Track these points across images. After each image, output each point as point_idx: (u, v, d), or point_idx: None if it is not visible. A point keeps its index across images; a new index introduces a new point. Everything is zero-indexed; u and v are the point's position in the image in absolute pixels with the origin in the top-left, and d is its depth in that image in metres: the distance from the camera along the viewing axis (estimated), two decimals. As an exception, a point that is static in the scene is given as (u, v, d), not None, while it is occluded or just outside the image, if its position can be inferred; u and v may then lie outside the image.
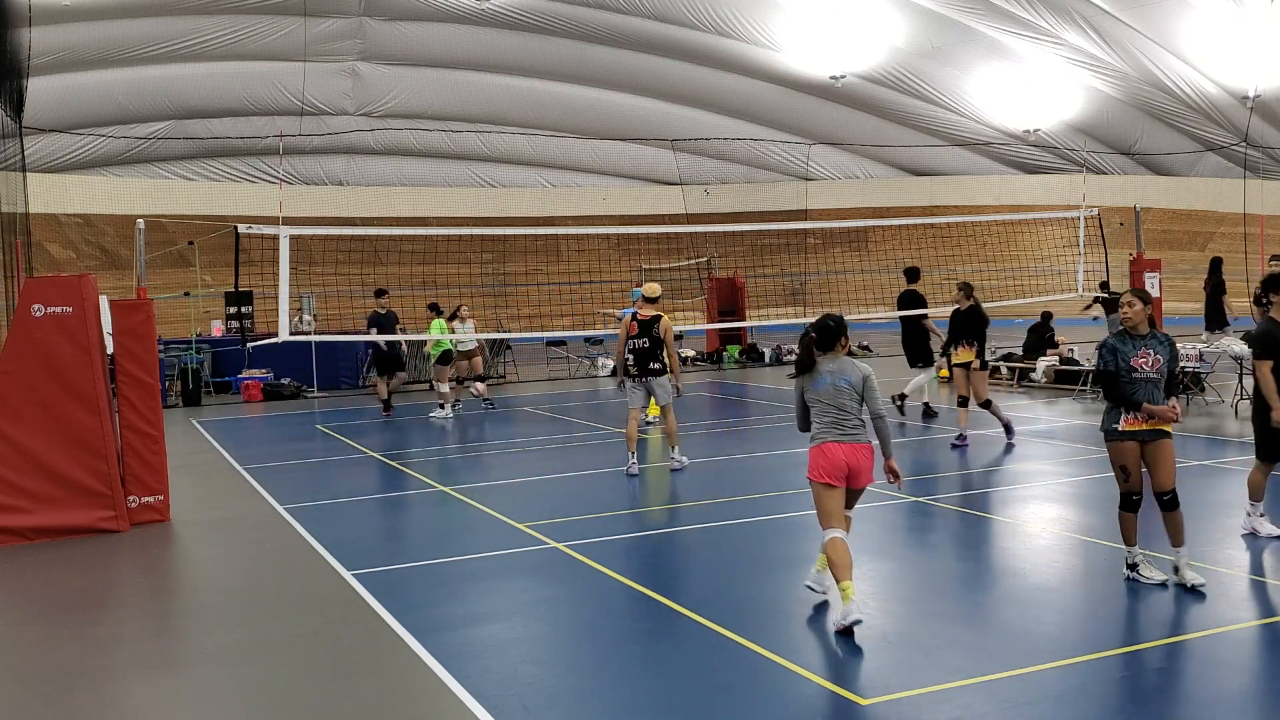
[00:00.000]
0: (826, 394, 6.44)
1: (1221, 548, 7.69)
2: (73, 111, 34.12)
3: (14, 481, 9.20)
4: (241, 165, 39.46)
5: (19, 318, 9.41)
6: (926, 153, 42.23)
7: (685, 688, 5.38)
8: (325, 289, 28.81)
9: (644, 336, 11.34)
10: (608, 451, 13.15)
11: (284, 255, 11.78)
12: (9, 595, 7.85)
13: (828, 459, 6.36)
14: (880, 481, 10.63)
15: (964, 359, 12.69)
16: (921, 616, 6.41)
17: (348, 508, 10.29)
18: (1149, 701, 5.11)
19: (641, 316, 11.41)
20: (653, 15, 35.13)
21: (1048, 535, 8.29)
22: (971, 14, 33.66)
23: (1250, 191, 35.75)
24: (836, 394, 6.41)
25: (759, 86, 39.13)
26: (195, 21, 33.17)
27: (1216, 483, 10.05)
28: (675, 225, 36.46)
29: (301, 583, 7.73)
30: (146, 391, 9.92)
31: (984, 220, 27.80)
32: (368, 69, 36.94)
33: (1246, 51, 32.92)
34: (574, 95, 39.30)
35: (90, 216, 36.78)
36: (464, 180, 42.43)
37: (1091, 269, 19.69)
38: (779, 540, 8.52)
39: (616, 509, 9.72)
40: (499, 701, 5.25)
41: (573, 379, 23.69)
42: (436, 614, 6.74)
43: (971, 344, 12.60)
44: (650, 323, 11.37)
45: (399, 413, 18.29)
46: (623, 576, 7.36)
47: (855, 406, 6.42)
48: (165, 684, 5.87)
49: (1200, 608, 6.33)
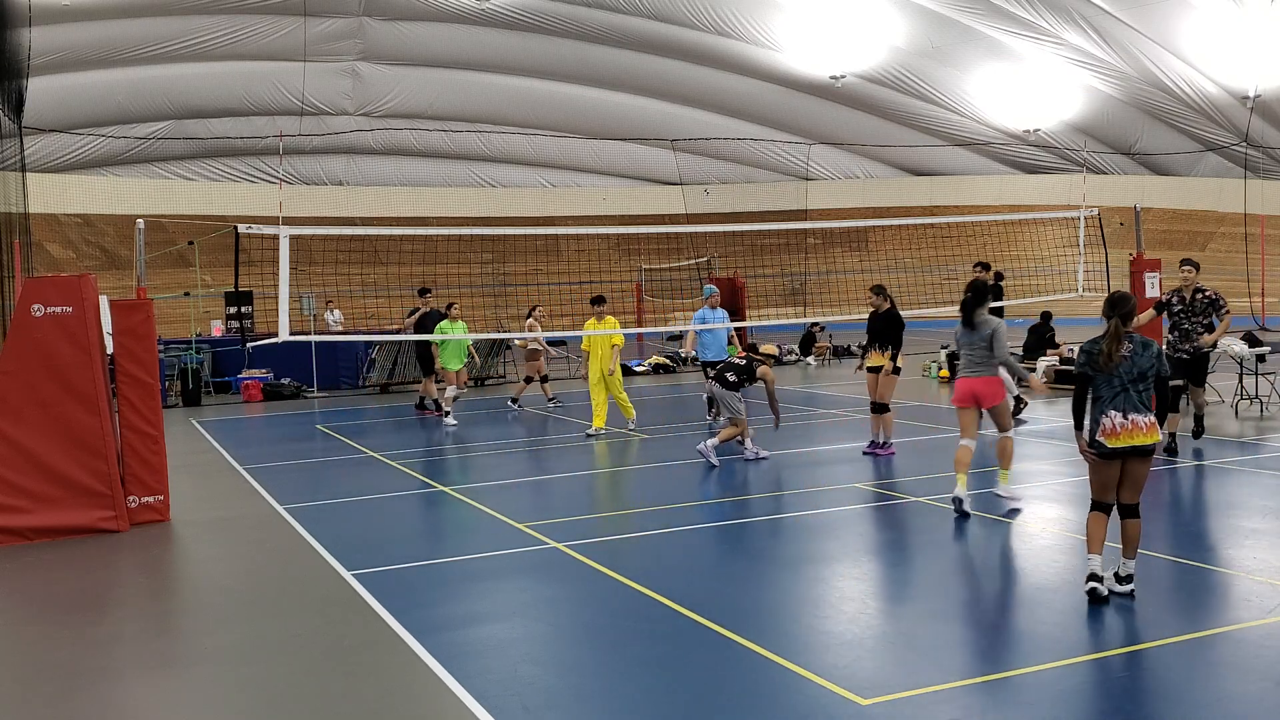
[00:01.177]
0: (965, 343, 9.25)
1: (1221, 548, 7.70)
2: (73, 111, 34.12)
3: (14, 481, 9.20)
4: (241, 165, 39.47)
5: (19, 318, 9.40)
6: (926, 153, 42.22)
7: (685, 688, 5.38)
8: (325, 289, 28.84)
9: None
10: (607, 451, 13.15)
11: (284, 255, 11.76)
12: (9, 595, 7.85)
13: (958, 389, 9.29)
14: (882, 480, 10.67)
15: (877, 363, 12.37)
16: (921, 616, 6.40)
17: (348, 508, 10.28)
18: (1149, 701, 5.11)
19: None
20: (653, 15, 35.14)
21: (1048, 535, 8.28)
22: (971, 14, 33.67)
23: (1250, 191, 35.74)
24: (970, 344, 9.18)
25: (759, 86, 39.14)
26: (195, 21, 33.18)
27: (1217, 483, 10.04)
28: (675, 225, 36.48)
29: (301, 583, 7.73)
30: (146, 391, 9.91)
31: (984, 220, 27.76)
32: (368, 69, 36.95)
33: (1246, 51, 32.92)
34: (574, 95, 39.32)
35: (90, 216, 36.78)
36: (464, 180, 42.44)
37: (1091, 269, 19.68)
38: (779, 540, 8.52)
39: (617, 509, 9.71)
40: (499, 701, 5.25)
41: (573, 379, 23.68)
42: (436, 614, 6.74)
43: (886, 348, 12.34)
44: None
45: (400, 412, 18.29)
46: (623, 576, 7.36)
47: (985, 353, 9.09)
48: (165, 684, 5.87)
49: (1200, 608, 6.33)
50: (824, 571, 7.51)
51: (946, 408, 16.64)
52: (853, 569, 7.57)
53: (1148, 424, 6.39)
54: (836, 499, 9.80)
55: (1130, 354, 6.43)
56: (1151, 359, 6.43)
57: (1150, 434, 6.38)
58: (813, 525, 8.90)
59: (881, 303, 12.46)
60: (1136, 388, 6.41)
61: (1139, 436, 6.38)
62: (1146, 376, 6.43)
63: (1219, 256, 38.31)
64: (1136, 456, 6.43)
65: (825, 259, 40.06)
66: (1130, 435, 6.38)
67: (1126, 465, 6.47)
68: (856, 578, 7.33)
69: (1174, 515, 8.85)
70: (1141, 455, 6.44)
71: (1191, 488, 9.91)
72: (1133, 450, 6.41)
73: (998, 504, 9.18)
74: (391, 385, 22.04)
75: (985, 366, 9.15)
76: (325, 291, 28.93)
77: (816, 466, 11.91)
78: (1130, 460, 6.44)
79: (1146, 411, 6.42)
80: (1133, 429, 6.38)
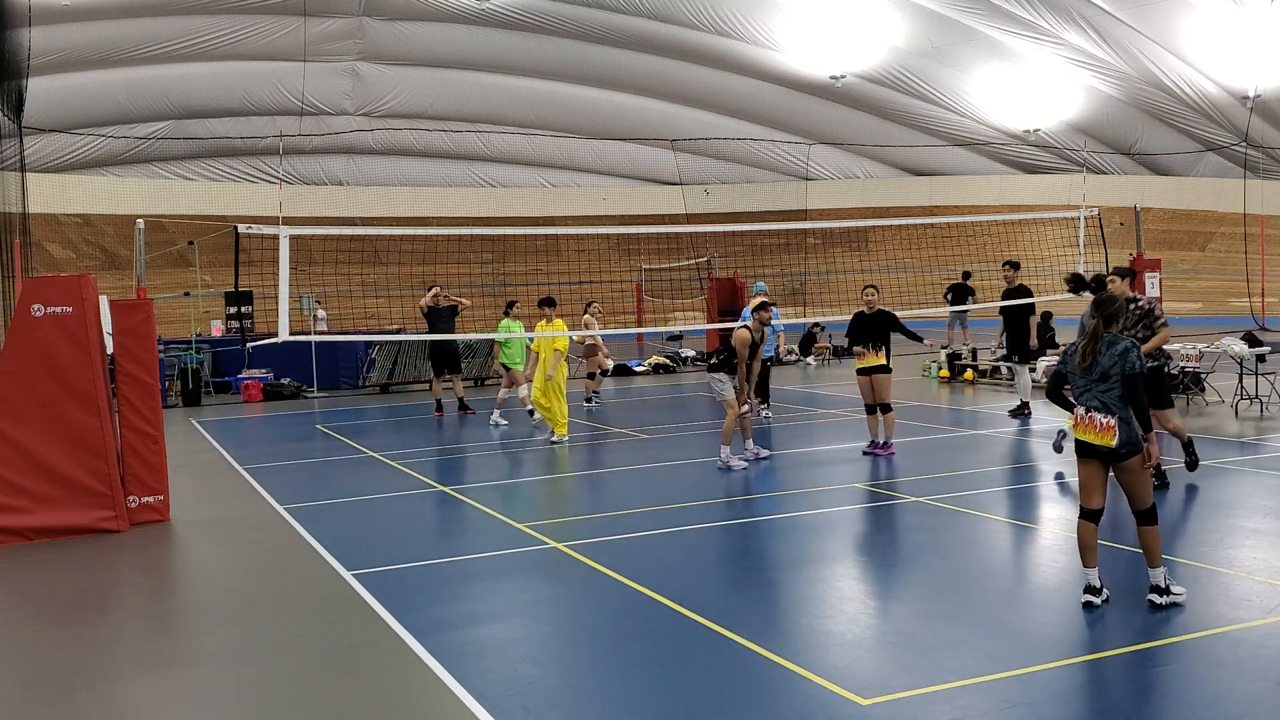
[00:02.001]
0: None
1: (1222, 548, 7.69)
2: (73, 111, 34.11)
3: (14, 481, 9.20)
4: (241, 165, 39.46)
5: (19, 318, 9.40)
6: (926, 153, 42.21)
7: (685, 688, 5.38)
8: (325, 289, 28.84)
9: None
10: (607, 451, 13.15)
11: (284, 255, 11.76)
12: (9, 595, 7.85)
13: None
14: (882, 480, 10.67)
15: (872, 363, 12.24)
16: (921, 616, 6.40)
17: (348, 508, 10.28)
18: (1149, 701, 5.12)
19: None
20: (653, 15, 35.13)
21: (1048, 535, 8.28)
22: (971, 14, 33.65)
23: (1250, 191, 35.73)
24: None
25: (759, 86, 39.12)
26: (195, 21, 33.17)
27: (1217, 483, 10.03)
28: (675, 225, 36.49)
29: (301, 583, 7.73)
30: (146, 391, 9.91)
31: (984, 220, 27.77)
32: (368, 69, 36.94)
33: (1246, 51, 32.90)
34: (574, 95, 39.30)
35: (90, 216, 36.78)
36: (464, 180, 42.43)
37: (1091, 269, 19.66)
38: (779, 540, 8.52)
39: (617, 509, 9.71)
40: (499, 701, 5.25)
41: (572, 379, 23.68)
42: (436, 614, 6.74)
43: (880, 348, 12.19)
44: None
45: (401, 412, 18.29)
46: (622, 576, 7.36)
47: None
48: (165, 684, 5.87)
49: (1200, 608, 6.33)
50: (824, 571, 7.51)
51: (946, 408, 16.65)
52: (853, 569, 7.57)
53: (1104, 424, 6.31)
54: (836, 499, 9.79)
55: (1095, 354, 6.41)
56: (1114, 357, 6.32)
57: (1104, 435, 6.30)
58: (812, 525, 8.90)
59: (877, 301, 12.40)
60: (1099, 387, 6.37)
61: (1092, 434, 6.37)
62: (1109, 376, 6.34)
63: (1219, 256, 38.32)
64: (1112, 463, 6.38)
65: (825, 259, 40.06)
66: (1086, 429, 6.41)
67: (1114, 475, 6.44)
68: (856, 578, 7.34)
69: (1174, 515, 8.85)
70: (1115, 462, 6.35)
71: (1191, 487, 9.90)
72: (1093, 449, 6.39)
73: (998, 503, 9.15)
74: (391, 385, 22.03)
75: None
76: (324, 291, 28.94)
77: (816, 466, 11.91)
78: (1113, 469, 6.42)
79: (1108, 413, 6.31)
80: (1089, 424, 6.40)
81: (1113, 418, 6.31)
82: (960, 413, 16.04)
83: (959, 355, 20.63)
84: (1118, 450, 6.31)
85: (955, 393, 18.45)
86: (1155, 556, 6.34)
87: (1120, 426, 6.29)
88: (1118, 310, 6.54)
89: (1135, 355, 6.32)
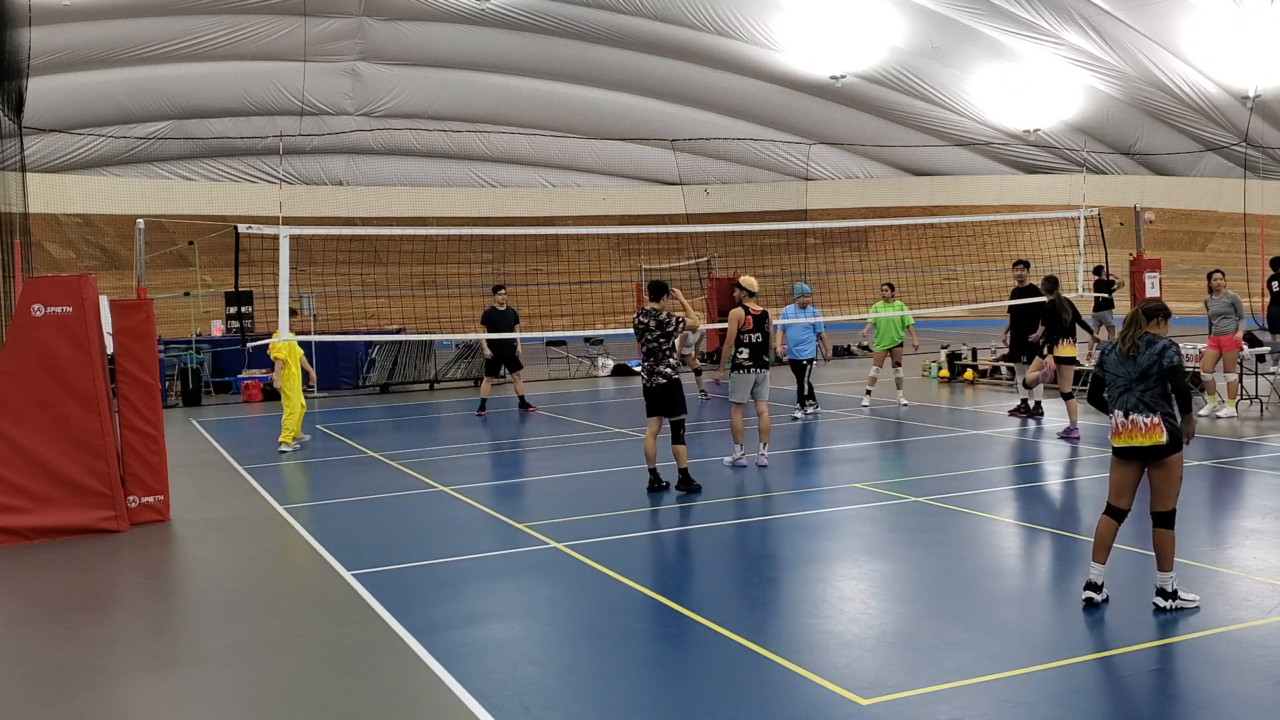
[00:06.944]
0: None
1: (1221, 548, 7.70)
2: (73, 111, 34.11)
3: (14, 481, 9.20)
4: (241, 165, 39.46)
5: (19, 318, 9.40)
6: (926, 153, 42.22)
7: (685, 688, 5.38)
8: (325, 289, 28.84)
9: (758, 330, 11.53)
10: (607, 451, 13.15)
11: (284, 255, 11.76)
12: (9, 595, 7.85)
13: None
14: (882, 480, 10.67)
15: (1068, 352, 13.41)
16: (921, 616, 6.40)
17: (348, 508, 10.28)
18: (1148, 701, 5.11)
19: (754, 311, 11.56)
20: (653, 15, 35.13)
21: (1048, 535, 8.28)
22: (971, 14, 33.67)
23: (1250, 191, 35.77)
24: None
25: (759, 86, 39.12)
26: (195, 21, 33.17)
27: (1216, 483, 10.03)
28: (675, 225, 36.46)
29: (301, 583, 7.73)
30: (146, 391, 9.91)
31: (984, 220, 27.80)
32: (368, 69, 36.94)
33: (1246, 51, 32.93)
34: (574, 95, 39.29)
35: (90, 216, 36.79)
36: (464, 180, 42.42)
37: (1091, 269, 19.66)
38: (779, 540, 8.52)
39: (617, 509, 9.71)
40: (499, 701, 5.25)
41: (572, 379, 23.69)
42: (436, 614, 6.74)
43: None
44: (762, 317, 11.59)
45: (403, 413, 18.28)
46: (623, 576, 7.36)
47: None
48: (165, 684, 5.87)
49: (1200, 608, 6.32)
50: (824, 571, 7.51)
51: (946, 407, 16.65)
52: (853, 569, 7.56)
53: (1148, 424, 6.26)
54: (836, 499, 9.80)
55: (1133, 353, 6.39)
56: (1152, 356, 6.29)
57: (1151, 434, 6.24)
58: (812, 525, 8.90)
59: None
60: (1139, 387, 6.33)
61: (1138, 437, 6.29)
62: (1148, 376, 6.30)
63: (1219, 256, 38.33)
64: (1151, 461, 6.31)
65: (825, 259, 40.06)
66: (1130, 435, 6.32)
67: (1147, 472, 6.37)
68: (856, 578, 7.33)
69: (1174, 515, 8.84)
70: (1155, 460, 6.29)
71: (1192, 487, 9.90)
72: (1135, 451, 6.32)
73: (998, 503, 9.15)
74: (391, 385, 22.03)
75: None
76: (324, 291, 28.94)
77: (816, 466, 11.91)
78: (1149, 467, 6.34)
79: (1149, 412, 6.26)
80: (1132, 429, 6.31)
81: (1155, 415, 6.26)
82: (960, 413, 16.04)
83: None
84: (1166, 446, 6.26)
85: (955, 393, 18.45)
86: (1167, 560, 6.30)
87: (1165, 422, 6.27)
88: (1157, 308, 6.52)
89: (1174, 351, 6.31)
